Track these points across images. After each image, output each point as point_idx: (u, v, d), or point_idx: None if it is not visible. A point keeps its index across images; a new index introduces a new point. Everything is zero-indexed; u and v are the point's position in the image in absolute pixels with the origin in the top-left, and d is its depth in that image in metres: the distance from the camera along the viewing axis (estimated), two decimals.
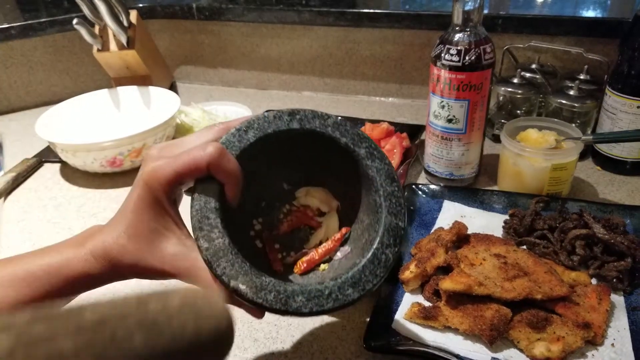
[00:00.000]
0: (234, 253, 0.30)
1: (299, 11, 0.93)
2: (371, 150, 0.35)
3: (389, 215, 0.33)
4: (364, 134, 0.35)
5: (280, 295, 0.29)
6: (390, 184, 0.34)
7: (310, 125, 0.34)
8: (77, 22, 0.77)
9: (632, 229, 0.55)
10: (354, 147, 0.35)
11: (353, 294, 0.30)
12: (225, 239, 0.30)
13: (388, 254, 0.32)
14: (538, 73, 0.78)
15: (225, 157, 0.31)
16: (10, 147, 0.87)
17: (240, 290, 0.29)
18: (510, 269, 0.47)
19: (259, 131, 0.33)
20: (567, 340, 0.42)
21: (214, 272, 0.29)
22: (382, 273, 0.31)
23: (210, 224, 0.30)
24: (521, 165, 0.61)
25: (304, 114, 0.34)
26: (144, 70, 0.88)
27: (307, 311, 0.29)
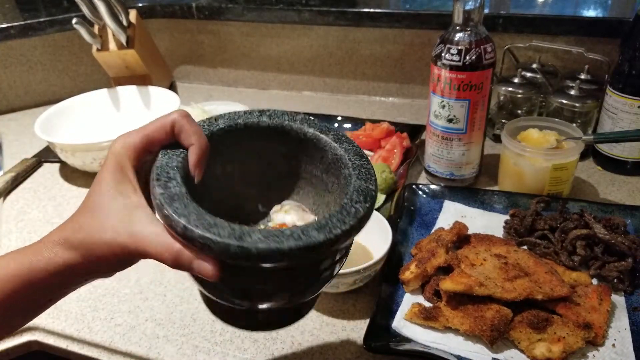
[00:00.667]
0: (189, 199, 0.28)
1: (299, 11, 0.93)
2: (339, 137, 0.35)
3: (358, 180, 0.31)
4: (331, 126, 0.35)
5: (235, 232, 0.26)
6: (359, 159, 0.33)
7: (279, 120, 0.35)
8: (76, 22, 0.77)
9: (633, 229, 0.55)
10: (321, 135, 0.34)
11: (318, 236, 0.27)
12: (183, 188, 0.28)
13: (358, 207, 0.29)
14: (539, 73, 0.78)
15: (190, 119, 0.31)
16: (9, 147, 0.87)
17: (190, 226, 0.26)
18: (511, 269, 0.47)
19: (229, 120, 0.34)
20: (567, 341, 0.42)
21: (164, 213, 0.27)
22: (352, 222, 0.28)
23: (169, 176, 0.29)
24: (522, 165, 0.61)
25: (273, 111, 0.35)
26: (143, 69, 0.88)
27: (264, 246, 0.26)
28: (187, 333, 0.48)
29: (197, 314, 0.50)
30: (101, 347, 0.48)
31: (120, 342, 0.48)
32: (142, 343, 0.47)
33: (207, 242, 0.26)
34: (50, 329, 0.50)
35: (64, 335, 0.49)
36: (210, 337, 0.47)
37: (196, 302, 0.51)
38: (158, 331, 0.48)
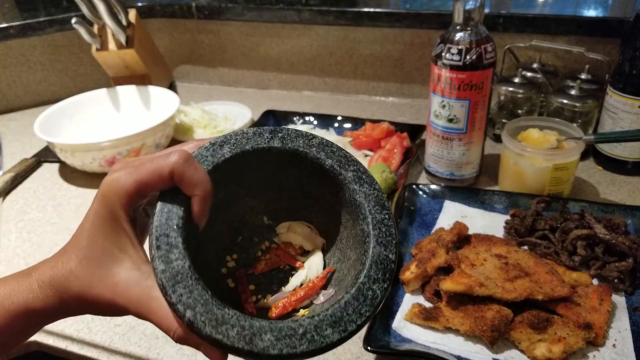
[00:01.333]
0: (195, 279, 0.25)
1: (299, 10, 0.93)
2: (359, 174, 0.31)
3: (377, 245, 0.28)
4: (351, 156, 0.31)
5: (244, 331, 0.24)
6: (380, 211, 0.30)
7: (292, 145, 0.31)
8: (76, 22, 0.77)
9: (634, 229, 0.54)
10: (340, 170, 0.31)
11: (332, 336, 0.25)
12: (186, 262, 0.26)
13: (375, 290, 0.27)
14: (539, 72, 0.78)
15: (192, 164, 0.27)
16: (8, 147, 0.87)
17: (197, 323, 0.24)
18: (511, 269, 0.46)
19: (236, 147, 0.30)
20: (568, 341, 0.42)
21: (168, 299, 0.25)
22: (368, 312, 0.26)
23: (170, 243, 0.26)
24: (522, 165, 0.61)
25: (286, 132, 0.31)
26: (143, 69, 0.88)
27: (276, 353, 0.24)
28: None
29: None
30: (101, 348, 0.48)
31: (119, 342, 0.48)
32: (142, 343, 0.47)
33: (215, 343, 0.24)
34: (49, 330, 0.50)
35: (63, 335, 0.49)
36: None
37: None
38: (158, 331, 0.48)
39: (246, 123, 0.86)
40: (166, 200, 0.27)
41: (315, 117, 0.84)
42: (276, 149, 0.31)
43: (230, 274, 0.33)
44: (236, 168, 0.31)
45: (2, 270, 0.58)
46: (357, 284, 0.27)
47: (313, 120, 0.84)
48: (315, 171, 0.31)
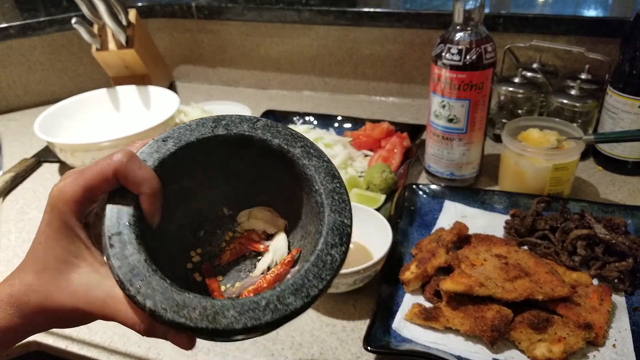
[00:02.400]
0: (152, 270, 0.26)
1: (299, 10, 0.93)
2: (307, 149, 0.31)
3: (332, 213, 0.29)
4: (298, 134, 0.32)
5: (207, 311, 0.25)
6: (331, 181, 0.30)
7: (237, 130, 0.31)
8: (75, 22, 0.77)
9: (634, 229, 0.54)
10: (288, 148, 0.31)
11: (295, 302, 0.26)
12: (141, 256, 0.26)
13: (334, 254, 0.28)
14: (539, 72, 0.78)
15: (135, 162, 0.27)
16: (8, 147, 0.87)
17: (158, 310, 0.24)
18: (512, 269, 0.46)
19: (180, 140, 0.30)
20: (568, 341, 0.42)
21: (127, 293, 0.25)
22: (329, 276, 0.27)
23: (123, 241, 0.26)
24: (522, 165, 0.61)
25: (230, 119, 0.31)
26: (143, 69, 0.88)
27: (241, 327, 0.25)
28: None
29: None
30: (100, 348, 0.48)
31: (119, 342, 0.48)
32: (142, 343, 0.47)
33: (179, 327, 0.25)
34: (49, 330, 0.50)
35: (63, 335, 0.49)
36: None
37: None
38: None
39: None
40: (115, 200, 0.27)
41: (315, 117, 0.84)
42: (221, 136, 0.31)
43: (197, 269, 0.33)
44: (185, 162, 0.30)
45: (2, 270, 0.58)
46: (315, 252, 0.28)
47: (313, 120, 0.84)
48: (265, 153, 0.32)
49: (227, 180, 0.34)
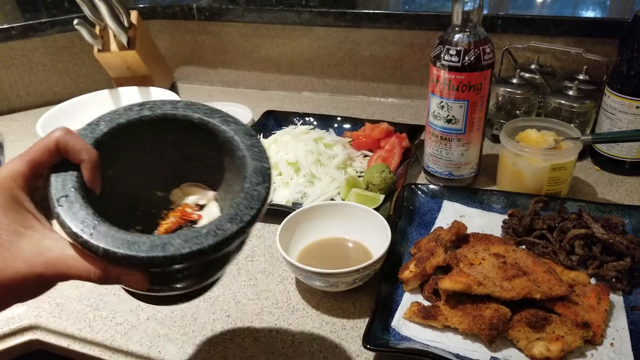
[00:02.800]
0: (100, 220, 0.29)
1: (299, 12, 0.93)
2: (225, 118, 0.36)
3: (253, 160, 0.34)
4: (215, 108, 0.36)
5: (155, 243, 0.28)
6: (249, 138, 0.35)
7: (161, 110, 0.35)
8: (77, 23, 0.77)
9: (631, 228, 0.55)
10: (208, 119, 0.35)
11: (232, 227, 0.30)
12: (88, 210, 0.29)
13: (260, 189, 0.32)
14: (537, 73, 0.78)
15: (73, 135, 0.30)
16: (11, 147, 0.87)
17: (111, 249, 0.27)
18: (510, 268, 0.47)
19: (111, 122, 0.34)
20: (566, 340, 0.42)
21: (80, 241, 0.28)
22: (258, 205, 0.31)
23: (70, 201, 0.29)
24: (520, 165, 0.61)
25: (153, 103, 0.35)
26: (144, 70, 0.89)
27: (187, 251, 0.28)
28: (188, 332, 0.48)
29: (198, 313, 0.50)
30: (102, 346, 0.48)
31: (121, 341, 0.48)
32: (143, 342, 0.48)
33: (133, 260, 0.27)
34: (51, 328, 0.50)
35: (65, 334, 0.50)
36: (211, 336, 0.48)
37: (197, 302, 0.52)
38: (159, 330, 0.49)
39: (247, 123, 0.86)
40: (58, 171, 0.30)
41: (315, 117, 0.84)
42: (147, 117, 0.35)
43: None
44: (117, 145, 0.34)
45: None
46: (244, 189, 0.32)
47: (313, 120, 0.84)
48: (188, 129, 0.36)
49: (156, 164, 0.37)
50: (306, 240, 0.55)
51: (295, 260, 0.49)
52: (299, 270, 0.48)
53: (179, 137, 0.36)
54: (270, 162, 0.34)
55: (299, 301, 0.51)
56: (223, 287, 0.54)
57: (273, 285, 0.53)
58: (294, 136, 0.72)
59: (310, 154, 0.69)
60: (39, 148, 0.30)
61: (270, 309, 0.50)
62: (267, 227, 0.63)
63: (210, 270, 0.33)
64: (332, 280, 0.47)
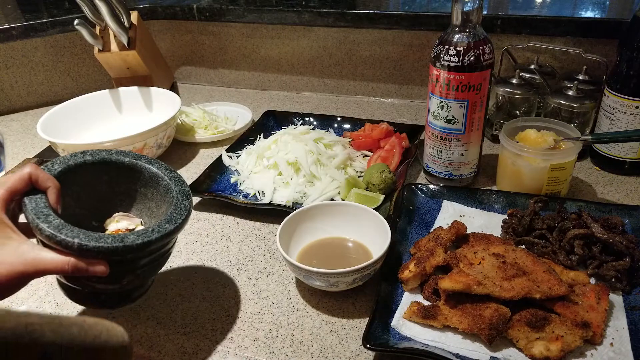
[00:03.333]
0: (72, 226, 0.38)
1: (299, 12, 0.93)
2: (149, 160, 0.49)
3: (176, 185, 0.47)
4: (141, 154, 0.49)
5: (116, 239, 0.39)
6: (170, 172, 0.48)
7: (99, 156, 0.47)
8: (78, 23, 0.77)
9: (631, 228, 0.55)
10: (135, 161, 0.48)
11: (170, 226, 0.42)
12: (60, 220, 0.39)
13: (185, 204, 0.45)
14: (537, 73, 0.78)
15: (40, 169, 0.41)
16: (11, 147, 0.87)
17: (84, 242, 0.37)
18: (509, 268, 0.47)
19: (62, 164, 0.44)
20: (566, 340, 0.42)
21: (58, 239, 0.37)
22: (185, 213, 0.44)
23: (45, 214, 0.39)
24: (520, 165, 0.62)
25: (93, 151, 0.47)
26: (144, 70, 0.89)
27: (140, 242, 0.39)
28: (188, 332, 0.48)
29: (198, 313, 0.50)
30: None
31: None
32: (144, 341, 0.48)
33: (101, 249, 0.38)
34: None
35: None
36: (211, 336, 0.48)
37: (197, 301, 0.52)
38: (159, 330, 0.49)
39: (247, 123, 0.87)
40: (31, 196, 0.40)
41: (315, 117, 0.85)
42: (89, 160, 0.46)
43: None
44: (65, 178, 0.44)
45: None
46: (173, 204, 0.45)
47: (313, 120, 0.84)
48: (120, 170, 0.48)
49: (93, 200, 0.48)
50: (306, 240, 0.55)
51: (295, 260, 0.49)
52: (299, 270, 0.48)
53: (112, 177, 0.48)
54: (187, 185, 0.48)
55: (299, 301, 0.51)
56: (223, 287, 0.54)
57: (273, 285, 0.53)
58: (294, 136, 0.73)
59: (310, 154, 0.69)
60: (16, 179, 0.39)
61: (270, 309, 0.50)
62: (267, 227, 0.63)
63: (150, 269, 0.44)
64: (332, 280, 0.48)
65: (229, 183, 0.71)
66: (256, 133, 0.80)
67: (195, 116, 0.87)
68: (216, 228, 0.64)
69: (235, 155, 0.76)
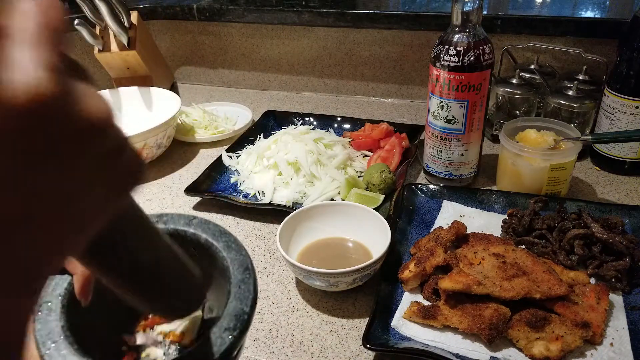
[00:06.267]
0: (65, 336, 0.30)
1: (299, 12, 0.93)
2: (229, 243, 0.36)
3: (234, 300, 0.32)
4: (225, 230, 0.37)
5: None
6: (242, 272, 0.34)
7: (174, 225, 0.36)
8: (78, 23, 0.77)
9: (631, 228, 0.55)
10: (213, 241, 0.36)
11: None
12: (60, 322, 0.31)
13: (224, 337, 0.30)
14: (537, 73, 0.78)
15: None
16: None
17: None
18: (509, 268, 0.47)
19: None
20: (565, 340, 0.42)
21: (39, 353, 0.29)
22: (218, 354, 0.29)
23: (49, 308, 0.31)
24: (520, 165, 0.62)
25: (170, 216, 0.37)
26: (144, 70, 0.89)
27: None
28: None
29: None
30: None
31: None
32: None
33: None
34: None
35: None
36: None
37: None
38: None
39: (247, 123, 0.87)
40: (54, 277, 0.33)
41: (315, 117, 0.85)
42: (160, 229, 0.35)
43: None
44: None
45: None
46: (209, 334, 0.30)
47: (313, 120, 0.84)
48: (195, 247, 0.36)
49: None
50: (306, 240, 0.55)
51: (295, 260, 0.49)
52: (299, 270, 0.48)
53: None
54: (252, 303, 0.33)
55: (299, 301, 0.51)
56: None
57: (273, 285, 0.53)
58: (294, 136, 0.73)
59: (310, 154, 0.69)
60: None
61: (271, 309, 0.50)
62: (267, 227, 0.63)
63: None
64: (332, 280, 0.48)
65: (229, 183, 0.71)
66: (256, 133, 0.80)
67: (195, 116, 0.87)
68: None
69: (235, 155, 0.76)
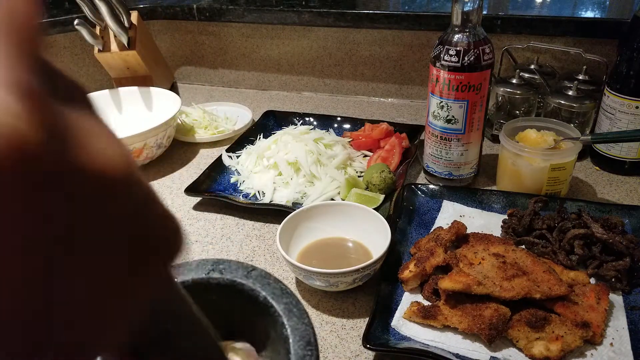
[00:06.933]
0: None
1: (299, 12, 0.93)
2: (290, 307, 0.31)
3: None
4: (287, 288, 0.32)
5: None
6: (304, 347, 0.29)
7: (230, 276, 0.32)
8: (78, 23, 0.77)
9: (631, 228, 0.55)
10: (272, 302, 0.31)
11: None
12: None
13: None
14: (537, 73, 0.78)
15: None
16: None
17: None
18: (509, 268, 0.47)
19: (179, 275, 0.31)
20: (566, 340, 0.42)
21: None
22: None
23: None
24: (520, 165, 0.62)
25: (227, 265, 0.32)
26: (144, 70, 0.89)
27: None
28: None
29: None
30: None
31: None
32: None
33: None
34: None
35: None
36: None
37: None
38: None
39: (247, 123, 0.87)
40: None
41: (315, 117, 0.85)
42: (215, 280, 0.31)
43: None
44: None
45: None
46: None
47: (313, 120, 0.84)
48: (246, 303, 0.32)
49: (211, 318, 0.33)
50: (306, 240, 0.55)
51: (295, 260, 0.49)
52: (299, 270, 0.48)
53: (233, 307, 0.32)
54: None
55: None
56: None
57: None
58: (294, 136, 0.73)
59: (310, 154, 0.69)
60: None
61: None
62: (267, 227, 0.63)
63: None
64: (332, 280, 0.48)
65: (229, 183, 0.71)
66: (256, 133, 0.80)
67: (195, 116, 0.87)
68: (216, 228, 0.64)
69: (235, 155, 0.76)
